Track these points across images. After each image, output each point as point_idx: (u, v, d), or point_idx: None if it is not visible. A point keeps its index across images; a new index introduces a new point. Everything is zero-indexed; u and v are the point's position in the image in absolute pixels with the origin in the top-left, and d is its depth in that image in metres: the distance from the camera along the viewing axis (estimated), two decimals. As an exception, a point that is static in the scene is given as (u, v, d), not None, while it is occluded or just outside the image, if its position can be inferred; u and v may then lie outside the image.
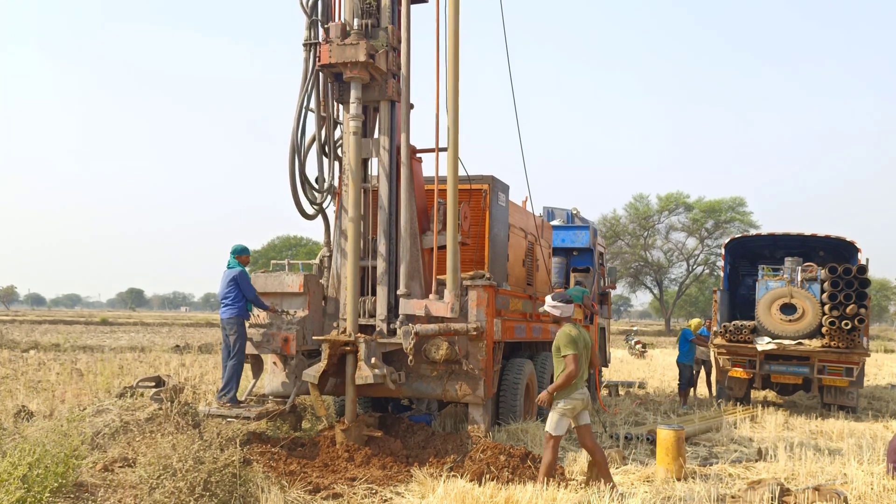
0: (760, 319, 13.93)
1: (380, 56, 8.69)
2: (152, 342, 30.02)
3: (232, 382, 8.84)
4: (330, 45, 8.61)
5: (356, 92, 8.69)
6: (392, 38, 8.93)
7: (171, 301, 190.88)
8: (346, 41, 8.57)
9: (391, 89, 8.90)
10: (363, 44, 8.48)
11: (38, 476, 5.73)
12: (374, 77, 8.81)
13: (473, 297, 8.94)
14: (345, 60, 8.53)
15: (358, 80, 8.66)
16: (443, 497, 6.38)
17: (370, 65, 8.56)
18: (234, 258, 9.14)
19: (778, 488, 6.71)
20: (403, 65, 9.06)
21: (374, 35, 8.86)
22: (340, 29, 8.68)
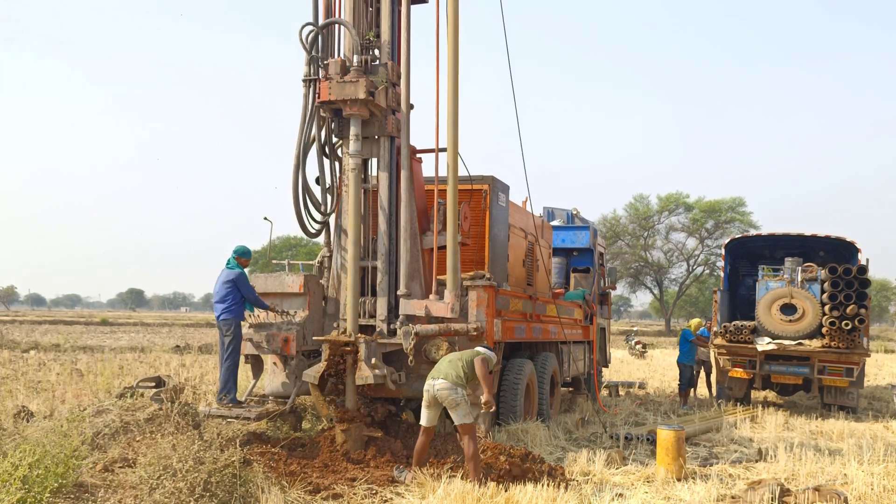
0: (760, 320, 13.93)
1: (379, 93, 8.66)
2: (152, 342, 30.03)
3: (230, 383, 8.85)
4: (329, 83, 8.57)
5: (356, 128, 8.66)
6: (392, 73, 8.89)
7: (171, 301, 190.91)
8: (346, 78, 8.53)
9: (391, 125, 8.88)
10: (363, 81, 8.45)
11: (39, 476, 5.73)
12: (373, 113, 8.78)
13: (473, 298, 8.94)
14: (344, 98, 8.50)
15: (358, 117, 8.64)
16: (443, 497, 6.39)
17: (370, 102, 8.54)
18: (235, 259, 9.14)
19: (778, 488, 6.71)
20: (403, 65, 9.06)
21: (373, 71, 8.83)
22: (340, 66, 8.65)
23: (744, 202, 60.45)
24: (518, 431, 9.27)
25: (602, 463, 8.09)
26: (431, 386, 7.15)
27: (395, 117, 8.95)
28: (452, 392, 7.06)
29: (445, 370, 7.19)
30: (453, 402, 7.07)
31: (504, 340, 9.51)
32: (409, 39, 9.09)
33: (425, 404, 7.25)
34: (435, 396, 7.14)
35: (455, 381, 7.10)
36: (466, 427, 7.04)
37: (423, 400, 7.25)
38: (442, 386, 7.08)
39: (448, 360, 7.34)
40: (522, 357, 10.48)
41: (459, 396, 7.09)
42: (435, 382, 7.13)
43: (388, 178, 8.98)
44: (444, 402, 7.10)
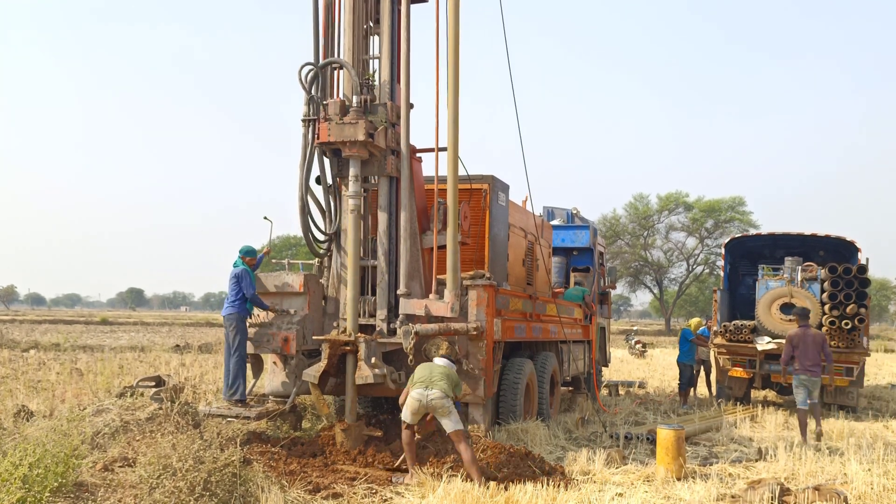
0: (760, 319, 13.93)
1: (379, 134, 8.63)
2: (152, 342, 30.03)
3: (238, 380, 8.86)
4: (329, 124, 8.55)
5: (355, 169, 8.65)
6: (391, 114, 8.87)
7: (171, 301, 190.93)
8: (346, 119, 8.51)
9: (390, 166, 8.86)
10: (362, 123, 8.43)
11: (39, 476, 5.73)
12: (373, 154, 8.77)
13: (473, 297, 8.94)
14: (344, 140, 8.49)
15: (357, 158, 8.63)
16: (443, 497, 6.39)
17: (369, 143, 8.53)
18: (240, 258, 9.21)
19: (778, 488, 6.71)
20: (403, 64, 9.06)
21: (373, 110, 8.81)
22: (339, 106, 8.64)
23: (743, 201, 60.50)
24: (518, 431, 9.27)
25: (602, 462, 8.08)
26: (424, 396, 7.22)
27: (395, 157, 8.93)
28: (446, 402, 7.20)
29: (438, 381, 7.27)
30: (446, 411, 7.19)
31: (504, 340, 9.51)
32: (409, 39, 9.09)
33: (412, 410, 7.32)
34: (427, 406, 7.23)
35: (447, 391, 7.25)
36: (460, 433, 7.13)
37: (412, 406, 7.31)
38: (437, 396, 7.20)
39: (437, 372, 7.39)
40: (522, 356, 10.48)
41: (451, 405, 7.23)
42: (429, 392, 7.21)
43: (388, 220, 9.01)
44: (437, 410, 7.21)
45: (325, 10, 9.23)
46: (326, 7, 9.23)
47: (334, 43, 9.26)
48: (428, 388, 7.24)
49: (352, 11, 9.08)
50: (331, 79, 9.28)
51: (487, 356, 8.87)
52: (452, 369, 7.62)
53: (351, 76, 8.81)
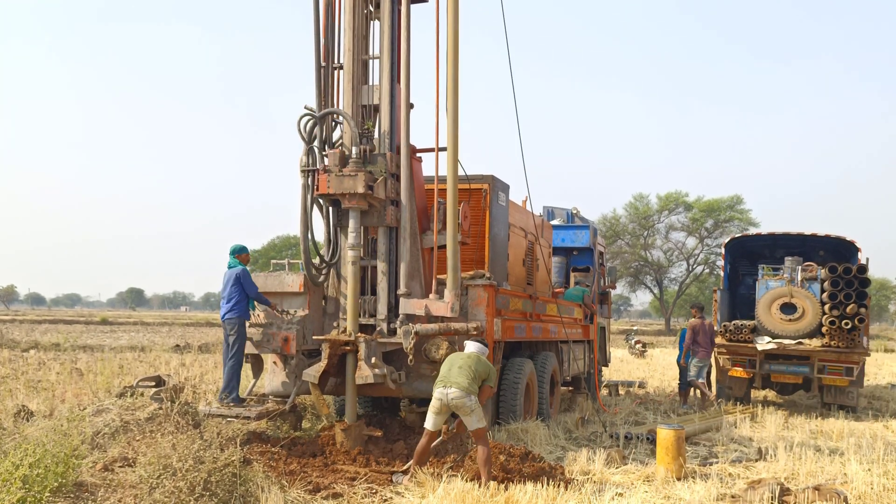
0: (760, 319, 13.93)
1: (378, 185, 8.62)
2: (152, 342, 30.03)
3: (233, 383, 8.84)
4: (328, 175, 8.55)
5: (354, 221, 8.64)
6: (391, 164, 8.85)
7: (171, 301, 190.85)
8: (345, 171, 8.51)
9: (389, 217, 8.84)
10: (362, 175, 8.42)
11: (39, 476, 5.73)
12: (372, 205, 8.75)
13: (473, 297, 8.94)
14: (343, 191, 8.49)
15: (357, 209, 8.63)
16: (443, 497, 6.39)
17: (369, 195, 8.53)
18: (234, 257, 9.14)
19: (778, 488, 6.71)
20: (403, 64, 9.06)
21: (372, 161, 8.80)
22: (339, 157, 8.65)
23: (742, 200, 60.49)
24: (518, 431, 9.28)
25: (602, 462, 8.09)
26: (444, 395, 7.09)
27: (395, 208, 8.92)
28: (467, 400, 7.06)
29: (456, 378, 7.13)
30: (468, 410, 7.07)
31: (504, 340, 9.51)
32: (409, 39, 9.09)
33: (435, 411, 7.19)
34: (448, 405, 7.11)
35: (468, 388, 7.10)
36: (480, 432, 7.07)
37: (433, 406, 7.18)
38: (456, 395, 7.05)
39: (457, 366, 7.25)
40: (522, 356, 10.49)
41: (473, 403, 7.10)
42: (448, 391, 7.07)
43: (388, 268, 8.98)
44: (459, 410, 7.09)
45: (326, 10, 9.22)
46: (327, 7, 9.23)
47: (334, 43, 9.26)
48: (447, 386, 7.10)
49: (352, 11, 9.08)
50: (331, 78, 9.27)
51: (488, 356, 8.86)
52: (482, 355, 7.48)
53: (350, 127, 8.81)
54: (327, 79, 9.22)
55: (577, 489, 7.00)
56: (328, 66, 9.23)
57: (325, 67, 9.21)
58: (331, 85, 9.25)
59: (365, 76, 9.28)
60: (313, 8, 9.15)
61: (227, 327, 8.89)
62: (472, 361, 7.33)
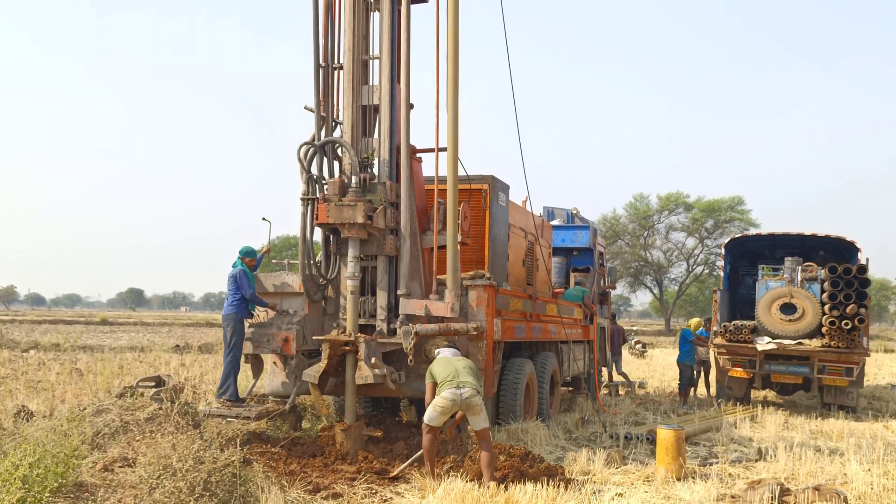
0: (760, 319, 13.93)
1: (378, 215, 8.60)
2: (152, 342, 30.03)
3: (230, 379, 8.89)
4: (328, 205, 8.54)
5: (353, 250, 8.64)
6: (390, 193, 8.84)
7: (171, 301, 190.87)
8: (345, 200, 8.50)
9: (389, 245, 8.84)
10: (361, 205, 8.42)
11: (39, 476, 5.73)
12: (371, 234, 8.75)
13: (473, 297, 8.94)
14: (342, 221, 8.49)
15: (356, 239, 8.64)
16: (443, 497, 6.39)
17: (368, 225, 8.53)
18: (239, 259, 9.27)
19: (778, 488, 6.71)
20: (403, 64, 9.06)
21: (372, 189, 8.80)
22: (338, 186, 8.65)
23: (743, 201, 60.54)
24: (518, 431, 9.28)
25: (602, 462, 8.08)
26: (458, 395, 7.04)
27: (394, 237, 8.91)
28: (478, 399, 7.11)
29: (466, 378, 7.15)
30: (479, 408, 7.10)
31: (504, 340, 9.51)
32: (409, 39, 9.09)
33: (441, 410, 7.10)
34: (461, 405, 7.08)
35: (478, 387, 7.17)
36: (486, 432, 7.08)
37: (441, 406, 7.09)
38: (470, 394, 7.07)
39: (461, 366, 7.27)
40: (522, 356, 10.49)
41: (482, 402, 7.15)
42: (462, 391, 7.05)
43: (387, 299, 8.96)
44: (471, 409, 7.08)
45: (325, 11, 9.22)
46: (326, 7, 9.23)
47: (334, 43, 9.26)
48: (459, 386, 7.08)
49: (352, 11, 9.08)
50: (332, 78, 9.26)
51: (487, 356, 8.87)
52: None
53: (350, 156, 8.80)
54: (327, 79, 9.23)
55: (577, 489, 7.00)
56: (328, 67, 9.23)
57: (325, 68, 9.22)
58: (330, 85, 9.25)
59: (365, 76, 9.28)
60: (312, 8, 9.15)
61: (225, 324, 9.06)
62: (469, 363, 7.41)
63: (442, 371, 7.28)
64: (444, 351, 7.70)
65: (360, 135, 9.15)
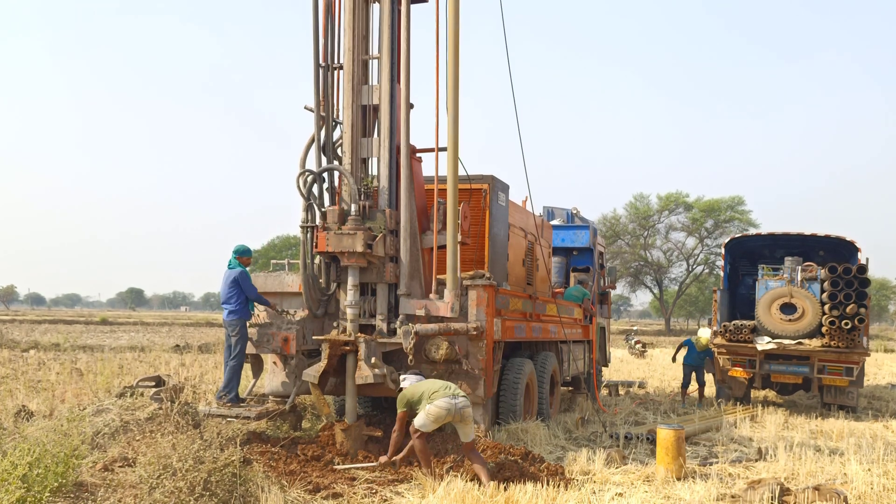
0: (760, 319, 13.93)
1: (377, 243, 8.60)
2: (152, 342, 30.01)
3: (233, 383, 8.85)
4: (328, 233, 8.55)
5: (353, 279, 8.65)
6: (390, 220, 8.83)
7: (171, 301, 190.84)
8: (344, 229, 8.52)
9: (389, 273, 8.82)
10: (360, 234, 8.43)
11: (38, 476, 5.73)
12: (371, 262, 8.74)
13: (473, 297, 8.94)
14: (342, 250, 8.50)
15: (356, 267, 8.64)
16: (443, 497, 6.39)
17: (367, 253, 8.53)
18: (235, 258, 9.14)
19: (778, 488, 6.71)
20: (403, 64, 9.06)
21: (371, 216, 8.80)
22: (338, 215, 8.65)
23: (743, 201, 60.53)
24: (518, 431, 9.27)
25: (602, 462, 8.08)
26: (453, 404, 7.10)
27: (394, 264, 8.90)
28: (471, 410, 7.24)
29: (458, 389, 7.30)
30: (470, 419, 7.19)
31: (504, 340, 9.51)
32: (409, 39, 9.09)
33: (435, 419, 7.12)
34: (455, 413, 7.12)
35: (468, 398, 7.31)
36: (472, 444, 7.19)
37: (436, 415, 7.09)
38: (465, 403, 7.18)
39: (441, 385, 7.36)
40: (522, 356, 10.49)
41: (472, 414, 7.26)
42: (456, 401, 7.13)
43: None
44: (464, 419, 7.14)
45: (325, 11, 9.22)
46: (326, 7, 9.22)
47: (334, 43, 9.25)
48: (455, 396, 7.18)
49: (351, 11, 9.07)
50: (331, 79, 9.25)
51: (487, 356, 8.87)
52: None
53: (350, 184, 8.79)
54: (327, 79, 9.22)
55: (577, 489, 7.00)
56: (328, 67, 9.23)
57: (325, 67, 9.21)
58: (330, 85, 9.25)
59: (365, 76, 9.27)
60: (312, 8, 9.14)
61: (229, 329, 8.90)
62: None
63: (423, 389, 7.32)
64: (409, 377, 7.69)
65: (359, 135, 9.15)
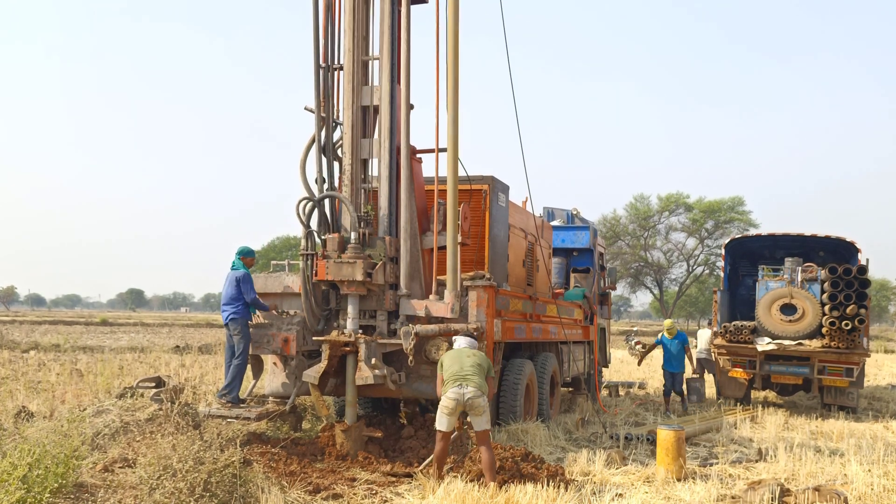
0: (760, 320, 13.93)
1: (377, 272, 8.57)
2: (152, 343, 30.01)
3: (235, 382, 8.85)
4: (327, 262, 8.52)
5: (353, 308, 8.63)
6: (390, 248, 8.81)
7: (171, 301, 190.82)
8: (344, 257, 8.48)
9: (388, 301, 8.80)
10: (360, 263, 8.39)
11: (39, 476, 5.73)
12: (371, 290, 8.72)
13: (473, 298, 8.94)
14: (342, 278, 8.48)
15: (355, 295, 8.63)
16: (443, 497, 6.39)
17: (367, 282, 8.51)
18: (239, 259, 9.14)
19: (778, 489, 6.71)
20: (403, 65, 9.06)
21: (371, 244, 8.78)
22: (338, 243, 8.64)
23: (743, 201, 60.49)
24: (518, 431, 9.27)
25: (602, 463, 8.09)
26: (461, 394, 6.99)
27: (393, 292, 8.87)
28: (482, 400, 7.04)
29: (471, 376, 7.08)
30: (482, 409, 7.03)
31: (504, 340, 9.51)
32: (409, 39, 9.09)
33: (448, 411, 7.06)
34: (464, 405, 7.03)
35: (482, 387, 7.10)
36: (486, 434, 7.04)
37: (447, 407, 7.05)
38: (473, 394, 7.00)
39: (468, 364, 7.15)
40: (522, 357, 10.49)
41: (486, 403, 7.08)
42: (465, 390, 7.00)
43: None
44: (474, 409, 7.02)
45: (325, 11, 9.22)
46: (326, 8, 9.23)
47: (334, 44, 9.26)
48: (462, 385, 7.01)
49: (352, 12, 9.08)
50: (331, 79, 9.25)
51: (487, 357, 8.86)
52: (482, 351, 7.55)
53: (349, 212, 8.78)
54: (327, 80, 9.23)
55: (577, 490, 6.99)
56: (328, 67, 9.23)
57: (325, 68, 9.22)
58: (330, 86, 9.25)
59: (365, 77, 9.28)
60: (313, 9, 9.15)
61: (232, 329, 8.89)
62: (479, 358, 7.28)
63: (449, 366, 7.20)
64: (460, 340, 7.60)
65: (359, 135, 9.15)
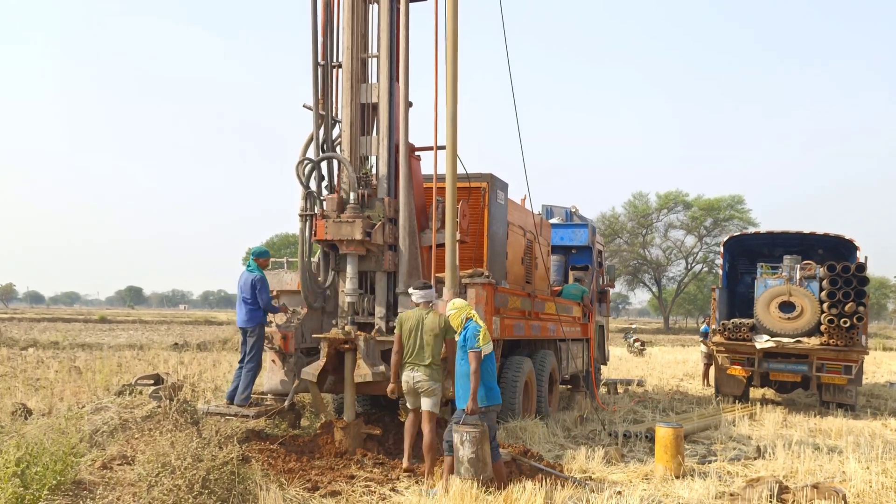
0: (759, 317, 13.94)
1: (376, 231, 8.62)
2: (151, 340, 30.01)
3: (250, 386, 8.86)
4: (326, 221, 8.57)
5: (352, 267, 8.68)
6: (388, 209, 8.84)
7: (169, 299, 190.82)
8: (343, 217, 8.54)
9: (387, 262, 8.84)
10: (359, 222, 8.45)
11: (37, 474, 5.72)
12: (370, 250, 8.77)
13: (472, 295, 8.94)
14: (341, 238, 8.53)
15: (354, 255, 8.67)
16: (442, 495, 6.39)
17: (366, 241, 8.56)
18: (253, 260, 9.10)
19: (777, 486, 6.71)
20: (402, 63, 9.05)
21: (370, 205, 8.82)
22: (337, 203, 8.67)
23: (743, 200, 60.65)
24: (516, 429, 9.28)
25: (600, 460, 8.09)
26: (411, 378, 7.31)
27: (392, 252, 8.92)
28: (431, 384, 7.27)
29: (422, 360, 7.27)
30: (431, 392, 7.28)
31: (503, 338, 9.51)
32: (408, 38, 9.08)
33: (406, 392, 7.41)
34: (413, 387, 7.32)
35: (432, 372, 7.27)
36: (431, 415, 7.24)
37: (405, 388, 7.39)
38: (422, 380, 7.28)
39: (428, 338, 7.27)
40: (521, 354, 10.49)
41: (437, 387, 7.30)
42: (414, 374, 7.29)
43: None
44: (423, 392, 7.28)
45: (324, 9, 9.20)
46: (325, 5, 9.21)
47: (333, 42, 9.24)
48: (414, 369, 7.29)
49: (350, 10, 9.06)
50: (330, 77, 9.24)
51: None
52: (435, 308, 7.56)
53: (348, 172, 8.80)
54: (326, 77, 9.21)
55: (576, 487, 6.99)
56: (327, 65, 9.21)
57: (324, 66, 9.20)
58: (329, 83, 9.24)
59: (364, 74, 9.27)
60: (311, 6, 9.12)
61: (249, 333, 8.88)
62: (435, 322, 7.31)
63: (407, 337, 7.34)
64: (416, 295, 7.53)
65: (358, 133, 9.14)
